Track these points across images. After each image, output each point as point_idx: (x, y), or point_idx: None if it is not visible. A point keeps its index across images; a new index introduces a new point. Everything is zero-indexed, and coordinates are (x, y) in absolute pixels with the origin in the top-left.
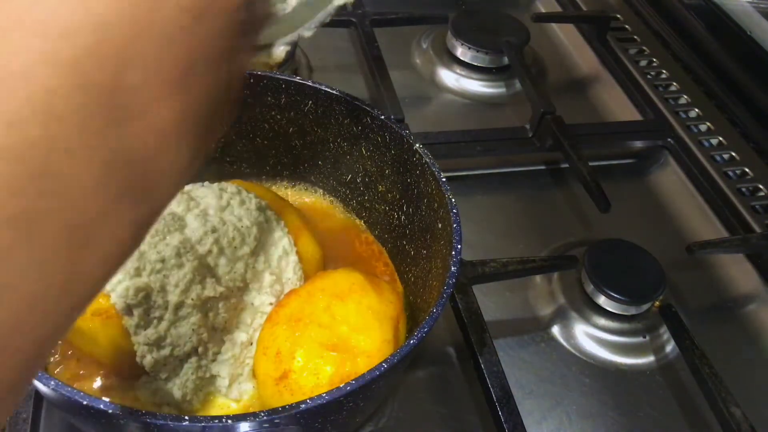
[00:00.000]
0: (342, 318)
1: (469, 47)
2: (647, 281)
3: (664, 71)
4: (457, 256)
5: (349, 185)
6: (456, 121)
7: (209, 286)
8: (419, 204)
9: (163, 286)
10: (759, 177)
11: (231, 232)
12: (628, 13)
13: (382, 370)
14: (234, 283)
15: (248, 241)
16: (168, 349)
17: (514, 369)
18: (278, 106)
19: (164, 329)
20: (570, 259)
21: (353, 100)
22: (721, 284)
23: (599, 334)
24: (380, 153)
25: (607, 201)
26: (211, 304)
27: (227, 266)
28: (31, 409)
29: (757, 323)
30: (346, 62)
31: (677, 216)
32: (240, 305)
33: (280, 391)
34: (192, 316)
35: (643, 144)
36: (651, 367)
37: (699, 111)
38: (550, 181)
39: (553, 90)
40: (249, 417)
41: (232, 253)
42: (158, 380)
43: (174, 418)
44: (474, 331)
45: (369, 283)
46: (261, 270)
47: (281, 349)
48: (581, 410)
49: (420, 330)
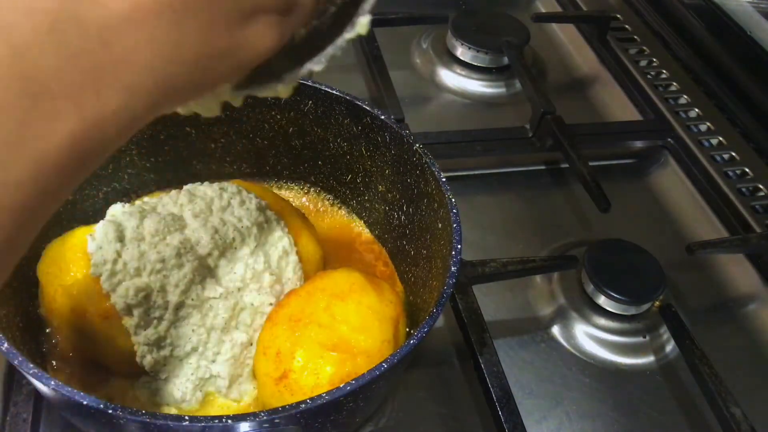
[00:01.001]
0: (342, 318)
1: (469, 47)
2: (647, 281)
3: (664, 71)
4: (457, 256)
5: (349, 185)
6: (456, 121)
7: (209, 286)
8: (419, 204)
9: (163, 286)
10: (759, 177)
11: (231, 233)
12: (628, 13)
13: (382, 370)
14: (234, 284)
15: (248, 241)
16: (168, 350)
17: (514, 369)
18: (278, 106)
19: (164, 329)
20: (570, 259)
21: (353, 100)
22: (721, 284)
23: (599, 334)
24: (380, 153)
25: (607, 201)
26: (211, 304)
27: (227, 267)
28: (31, 409)
29: (757, 323)
30: (346, 62)
31: (677, 216)
32: (239, 306)
33: (280, 391)
34: (192, 316)
35: (643, 144)
36: (651, 367)
37: (699, 111)
38: (550, 181)
39: (553, 90)
40: (249, 417)
41: (232, 254)
42: (158, 380)
43: (174, 418)
44: (474, 331)
45: (369, 283)
46: (261, 270)
47: (281, 349)
48: (581, 410)
49: (420, 330)
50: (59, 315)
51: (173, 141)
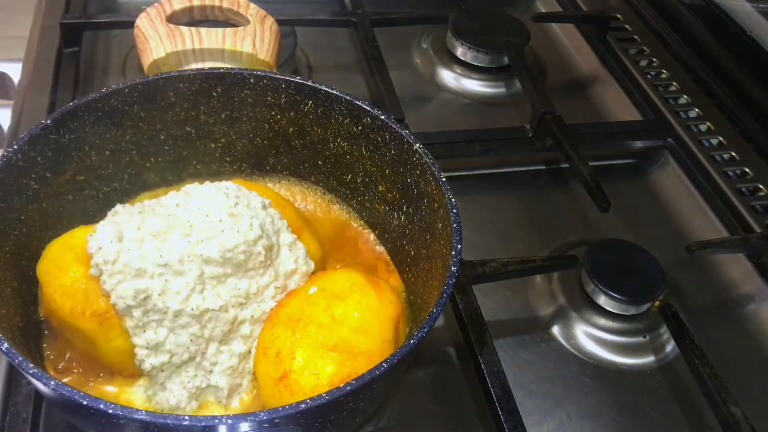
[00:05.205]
0: (342, 318)
1: (469, 47)
2: (647, 281)
3: (664, 71)
4: (457, 256)
5: (349, 185)
6: (456, 121)
7: (210, 298)
8: (419, 204)
9: (164, 291)
10: (759, 177)
11: (241, 246)
12: (628, 13)
13: (382, 370)
14: (236, 299)
15: (254, 255)
16: (167, 356)
17: (514, 369)
18: (278, 106)
19: (163, 335)
20: (570, 259)
21: (353, 100)
22: (721, 284)
23: (599, 334)
24: (380, 153)
25: (607, 201)
26: (210, 316)
27: (231, 279)
28: (31, 409)
29: (757, 323)
30: (346, 62)
31: (677, 216)
32: (239, 319)
33: (280, 391)
34: (190, 326)
35: (643, 144)
36: (651, 367)
37: (699, 111)
38: (550, 181)
39: (553, 90)
40: (249, 417)
41: (237, 267)
42: (154, 385)
43: (174, 418)
44: (474, 331)
45: (369, 283)
46: (266, 285)
47: (281, 350)
48: (581, 410)
49: (420, 330)
50: (59, 315)
51: (173, 141)
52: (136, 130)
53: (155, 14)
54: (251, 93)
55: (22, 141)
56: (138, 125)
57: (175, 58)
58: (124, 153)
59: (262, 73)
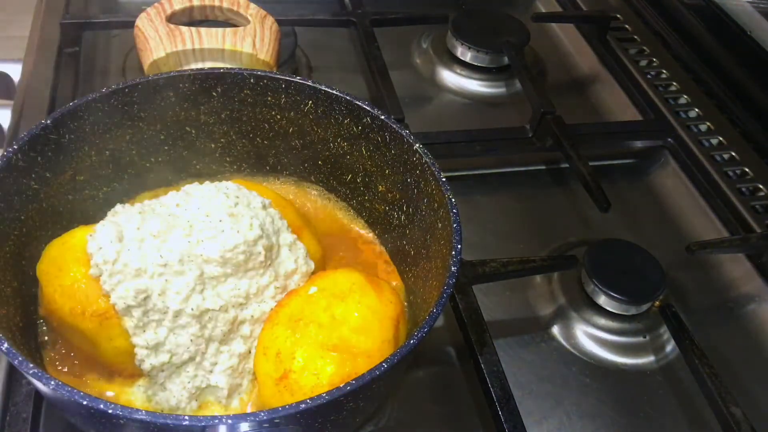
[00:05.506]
0: (342, 318)
1: (469, 47)
2: (647, 281)
3: (664, 71)
4: (457, 256)
5: (349, 185)
6: (456, 121)
7: (210, 298)
8: (419, 204)
9: (164, 291)
10: (759, 177)
11: (241, 247)
12: (628, 13)
13: (382, 370)
14: (236, 299)
15: (254, 255)
16: (166, 356)
17: (514, 369)
18: (278, 106)
19: (163, 335)
20: (570, 259)
21: (353, 100)
22: (721, 284)
23: (599, 334)
24: (380, 153)
25: (607, 201)
26: (210, 316)
27: (231, 279)
28: (31, 409)
29: (757, 323)
30: (346, 62)
31: (677, 216)
32: (240, 319)
33: (280, 392)
34: (190, 326)
35: (643, 144)
36: (651, 367)
37: (699, 111)
38: (550, 181)
39: (553, 90)
40: (249, 417)
41: (237, 267)
42: (154, 385)
43: (174, 418)
44: (474, 331)
45: (369, 283)
46: (266, 285)
47: (281, 350)
48: (581, 410)
49: (420, 330)
50: (59, 315)
51: (173, 141)
52: (136, 130)
53: (155, 14)
54: (251, 93)
55: (22, 141)
56: (138, 125)
57: (175, 58)
58: (124, 153)
59: (262, 73)
